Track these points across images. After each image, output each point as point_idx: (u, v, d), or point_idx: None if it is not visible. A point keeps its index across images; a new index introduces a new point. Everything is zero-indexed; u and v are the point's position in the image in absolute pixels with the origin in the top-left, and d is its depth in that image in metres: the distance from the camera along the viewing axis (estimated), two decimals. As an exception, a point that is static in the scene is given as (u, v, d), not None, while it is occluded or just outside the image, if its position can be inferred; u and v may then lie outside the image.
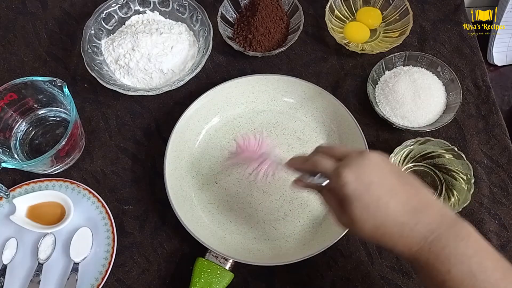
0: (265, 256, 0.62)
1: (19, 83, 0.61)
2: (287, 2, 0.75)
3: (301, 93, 0.70)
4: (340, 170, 0.43)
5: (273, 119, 0.70)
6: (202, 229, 0.63)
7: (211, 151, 0.68)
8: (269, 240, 0.64)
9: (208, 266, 0.59)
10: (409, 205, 0.42)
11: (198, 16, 0.72)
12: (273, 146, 0.61)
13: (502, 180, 0.68)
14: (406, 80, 0.69)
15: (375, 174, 0.43)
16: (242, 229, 0.64)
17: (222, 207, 0.66)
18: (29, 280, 0.60)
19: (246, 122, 0.70)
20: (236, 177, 0.67)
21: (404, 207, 0.42)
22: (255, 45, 0.73)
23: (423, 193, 0.44)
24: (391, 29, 0.76)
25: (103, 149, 0.69)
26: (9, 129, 0.65)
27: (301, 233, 0.64)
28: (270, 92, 0.70)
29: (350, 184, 0.43)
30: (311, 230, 0.64)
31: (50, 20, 0.77)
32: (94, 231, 0.63)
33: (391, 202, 0.42)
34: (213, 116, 0.70)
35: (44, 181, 0.65)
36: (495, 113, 0.72)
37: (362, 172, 0.43)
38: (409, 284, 0.62)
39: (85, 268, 0.61)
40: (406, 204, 0.43)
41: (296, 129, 0.70)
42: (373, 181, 0.43)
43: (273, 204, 0.66)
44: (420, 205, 0.43)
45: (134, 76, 0.70)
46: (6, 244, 0.62)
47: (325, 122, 0.70)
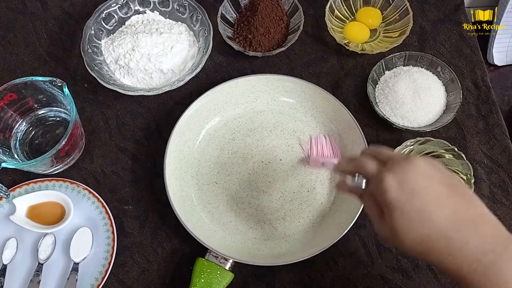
0: (265, 256, 0.62)
1: (19, 83, 0.61)
2: (287, 2, 0.75)
3: (301, 93, 0.70)
4: (383, 174, 0.41)
5: (273, 119, 0.70)
6: (202, 229, 0.63)
7: (211, 151, 0.68)
8: (269, 240, 0.64)
9: (208, 266, 0.59)
10: (458, 219, 0.39)
11: (198, 16, 0.72)
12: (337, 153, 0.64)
13: (502, 180, 0.68)
14: (406, 80, 0.69)
15: (421, 181, 0.40)
16: (242, 229, 0.64)
17: (222, 207, 0.66)
18: (29, 280, 0.60)
19: (246, 122, 0.70)
20: (236, 177, 0.67)
21: (452, 221, 0.39)
22: (255, 45, 0.73)
23: (476, 206, 0.40)
24: (391, 29, 0.76)
25: (103, 149, 0.69)
26: (9, 129, 0.65)
27: (301, 233, 0.64)
28: (270, 92, 0.70)
29: (392, 191, 0.40)
30: (311, 230, 0.64)
31: (50, 20, 0.77)
32: (94, 231, 0.63)
33: (437, 213, 0.39)
34: (213, 116, 0.70)
35: (44, 181, 0.65)
36: (495, 113, 0.72)
37: (406, 179, 0.40)
38: (409, 284, 0.62)
39: (85, 268, 0.61)
40: (454, 217, 0.39)
41: (296, 129, 0.70)
42: (418, 189, 0.39)
43: (273, 204, 0.66)
44: (471, 219, 0.39)
45: (134, 76, 0.70)
46: (6, 244, 0.62)
47: (325, 122, 0.70)
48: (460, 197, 0.40)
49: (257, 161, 0.68)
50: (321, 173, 0.67)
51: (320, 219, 0.65)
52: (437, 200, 0.39)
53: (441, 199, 0.40)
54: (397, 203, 0.40)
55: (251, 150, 0.68)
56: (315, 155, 0.67)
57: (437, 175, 0.41)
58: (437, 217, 0.39)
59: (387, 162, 0.42)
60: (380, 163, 0.43)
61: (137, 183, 0.67)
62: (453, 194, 0.40)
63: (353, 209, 0.62)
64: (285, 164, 0.67)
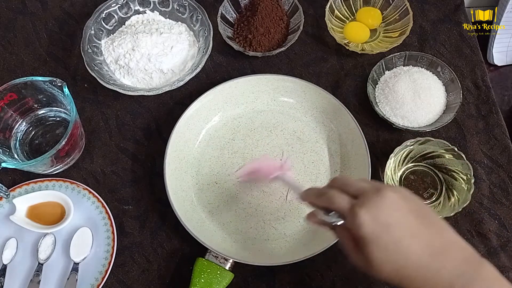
0: (265, 256, 0.62)
1: (19, 83, 0.61)
2: (287, 2, 0.75)
3: (301, 93, 0.70)
4: (356, 210, 0.41)
5: (273, 119, 0.70)
6: (202, 229, 0.63)
7: (211, 151, 0.68)
8: (269, 240, 0.64)
9: (208, 266, 0.59)
10: (431, 248, 0.41)
11: (198, 16, 0.72)
12: (288, 169, 0.60)
13: (502, 180, 0.68)
14: (406, 80, 0.69)
15: (394, 214, 0.41)
16: (242, 229, 0.64)
17: (222, 207, 0.66)
18: (29, 280, 0.60)
19: (246, 122, 0.70)
20: (236, 177, 0.67)
21: (426, 250, 0.41)
22: (255, 45, 0.73)
23: (445, 232, 0.43)
24: (391, 29, 0.76)
25: (103, 149, 0.69)
26: (9, 129, 0.65)
27: (301, 233, 0.64)
28: (270, 92, 0.70)
29: (367, 225, 0.41)
30: (311, 230, 0.64)
31: (50, 20, 0.77)
32: (94, 231, 0.63)
33: (412, 244, 0.41)
34: (213, 116, 0.70)
35: (44, 181, 0.65)
36: (495, 113, 0.72)
37: (380, 213, 0.41)
38: (409, 284, 0.62)
39: (85, 268, 0.61)
40: (428, 246, 0.41)
41: (296, 129, 0.70)
42: (392, 223, 0.41)
43: (273, 204, 0.66)
44: (442, 246, 0.41)
45: (134, 76, 0.70)
46: (6, 244, 0.62)
47: (325, 122, 0.70)
48: (432, 227, 0.42)
49: None
50: (321, 173, 0.67)
51: (320, 219, 0.65)
52: (411, 232, 0.41)
53: (414, 230, 0.41)
54: (372, 237, 0.41)
55: (251, 150, 0.68)
56: (249, 170, 0.63)
57: (406, 205, 0.42)
58: (413, 249, 0.41)
59: (359, 196, 0.43)
60: (351, 197, 0.44)
61: (137, 183, 0.67)
62: (424, 224, 0.42)
63: None
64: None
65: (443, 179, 0.67)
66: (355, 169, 0.66)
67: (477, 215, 0.66)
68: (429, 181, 0.67)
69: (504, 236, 0.65)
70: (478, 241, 0.64)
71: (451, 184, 0.66)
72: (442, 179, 0.67)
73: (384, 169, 0.65)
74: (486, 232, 0.65)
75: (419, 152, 0.67)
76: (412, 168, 0.68)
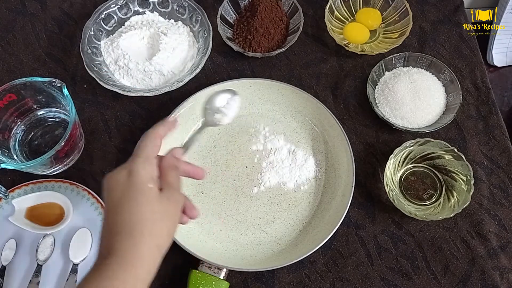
0: (258, 261, 0.62)
1: (18, 83, 0.61)
2: (286, 3, 0.75)
3: (278, 94, 0.70)
4: None
5: (253, 122, 0.70)
6: (192, 240, 0.62)
7: (193, 161, 0.64)
8: (261, 245, 0.64)
9: (202, 277, 0.59)
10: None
11: (198, 16, 0.72)
12: None
13: (501, 181, 0.68)
14: (405, 81, 0.69)
15: None
16: (232, 236, 0.64)
17: (210, 216, 0.65)
18: (28, 281, 0.60)
19: (226, 129, 0.70)
20: (222, 185, 0.67)
21: None
22: (255, 46, 0.72)
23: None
24: (391, 30, 0.76)
25: (102, 150, 0.69)
26: (8, 130, 0.65)
27: (292, 235, 0.64)
28: (247, 96, 0.70)
29: None
30: (302, 231, 0.64)
31: (50, 20, 0.77)
32: (93, 232, 0.63)
33: None
34: (193, 125, 0.69)
35: (43, 182, 0.64)
36: (495, 114, 0.72)
37: None
38: (409, 285, 0.62)
39: (84, 269, 0.61)
40: None
41: (277, 131, 0.69)
42: None
43: (261, 208, 0.66)
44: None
45: (133, 77, 0.70)
46: (5, 245, 0.62)
47: (304, 121, 0.70)
48: None
49: (241, 167, 0.67)
50: (307, 173, 0.67)
51: (310, 218, 0.65)
52: None
53: None
54: None
55: (234, 156, 0.68)
56: None
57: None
58: None
59: None
60: None
61: (137, 184, 0.67)
62: None
63: (342, 206, 0.62)
64: (269, 166, 0.67)
65: (443, 180, 0.67)
66: (341, 165, 0.66)
67: (477, 216, 0.65)
68: (429, 182, 0.67)
69: (504, 237, 0.65)
70: (478, 242, 0.64)
71: (451, 185, 0.66)
72: (442, 180, 0.67)
73: (383, 170, 0.65)
74: (486, 233, 0.65)
75: (419, 153, 0.67)
76: (412, 169, 0.68)
